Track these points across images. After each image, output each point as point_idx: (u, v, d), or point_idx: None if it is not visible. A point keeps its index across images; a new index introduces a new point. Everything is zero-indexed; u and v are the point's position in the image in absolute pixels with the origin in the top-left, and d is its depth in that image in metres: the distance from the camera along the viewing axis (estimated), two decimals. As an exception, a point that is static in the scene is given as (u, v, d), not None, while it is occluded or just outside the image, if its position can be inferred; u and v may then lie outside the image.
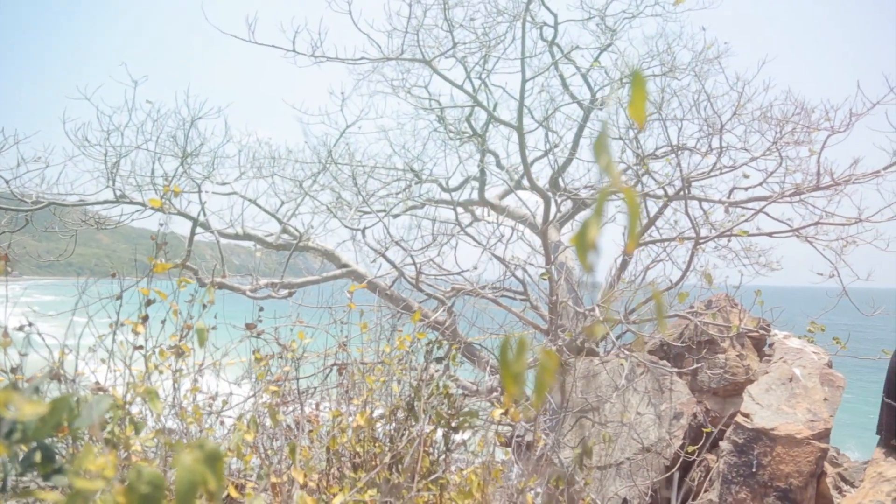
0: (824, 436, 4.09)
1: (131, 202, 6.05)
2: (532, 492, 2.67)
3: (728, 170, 6.45)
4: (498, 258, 5.53)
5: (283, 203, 7.10)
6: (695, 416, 5.04)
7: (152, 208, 5.95)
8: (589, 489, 4.62)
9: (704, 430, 4.79)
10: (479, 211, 8.06)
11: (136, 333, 2.35)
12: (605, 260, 6.69)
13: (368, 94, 7.90)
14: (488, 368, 5.18)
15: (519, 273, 6.19)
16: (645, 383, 5.19)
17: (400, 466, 2.19)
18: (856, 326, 6.89)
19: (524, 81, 5.92)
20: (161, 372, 2.36)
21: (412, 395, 2.32)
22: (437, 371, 2.49)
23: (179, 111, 6.45)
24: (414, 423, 2.26)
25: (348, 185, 7.06)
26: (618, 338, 6.05)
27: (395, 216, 8.11)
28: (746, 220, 5.69)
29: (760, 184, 6.73)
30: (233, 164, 7.13)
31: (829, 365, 4.63)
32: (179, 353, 2.39)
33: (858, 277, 6.71)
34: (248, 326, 2.86)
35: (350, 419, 2.43)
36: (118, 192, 6.15)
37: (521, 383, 0.79)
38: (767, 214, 6.55)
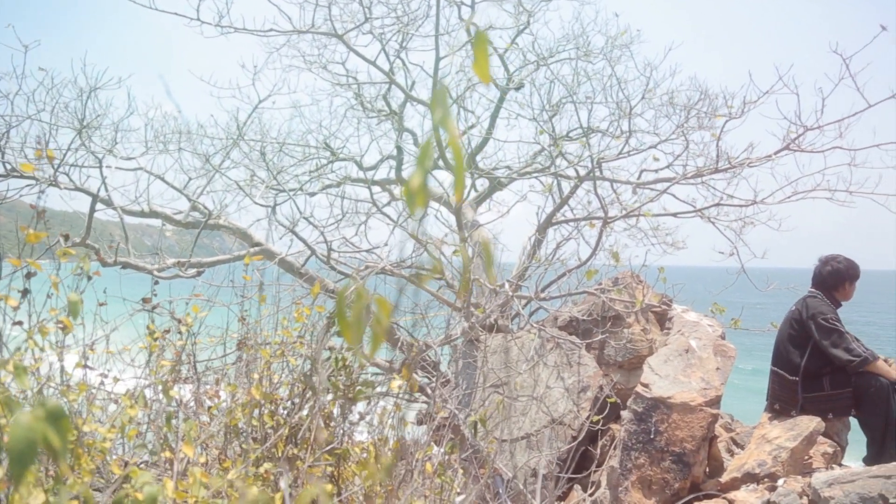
0: (715, 402, 4.34)
1: (22, 176, 5.68)
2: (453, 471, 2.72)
3: (636, 152, 6.69)
4: (412, 236, 5.54)
5: (190, 179, 6.85)
6: (601, 388, 5.24)
7: (30, 177, 5.58)
8: (498, 460, 4.73)
9: (609, 400, 5.00)
10: (396, 190, 8.04)
11: (14, 308, 2.23)
12: (519, 238, 6.82)
13: (282, 68, 7.74)
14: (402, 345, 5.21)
15: (436, 252, 6.24)
16: (555, 358, 5.35)
17: (296, 439, 2.18)
18: (751, 302, 7.33)
19: (438, 59, 5.93)
20: (42, 349, 2.25)
21: (310, 367, 2.30)
22: (335, 344, 2.48)
23: (77, 80, 6.07)
24: (312, 396, 2.25)
25: (261, 162, 6.88)
26: (530, 315, 6.21)
27: (311, 194, 7.98)
28: (652, 201, 5.93)
29: (667, 166, 7.02)
30: (138, 139, 6.82)
31: (723, 337, 4.91)
32: (63, 328, 2.28)
33: (755, 256, 7.14)
34: (144, 301, 2.76)
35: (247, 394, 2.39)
36: (8, 167, 5.77)
37: (359, 332, 0.80)
38: (674, 196, 6.85)
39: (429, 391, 5.01)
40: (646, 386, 4.42)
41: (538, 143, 7.25)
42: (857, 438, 4.93)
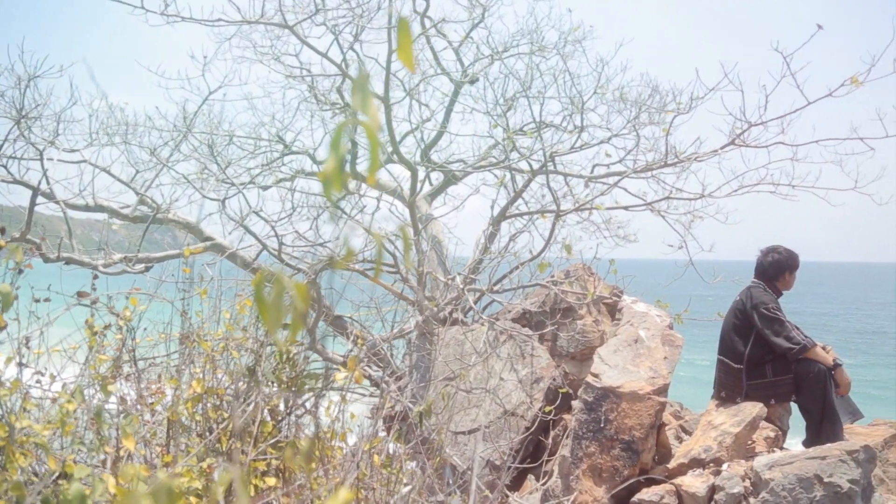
0: (663, 391, 4.44)
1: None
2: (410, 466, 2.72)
3: (589, 147, 6.78)
4: (366, 230, 5.52)
5: (137, 172, 6.67)
6: (553, 379, 5.31)
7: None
8: (452, 452, 4.76)
9: (561, 391, 5.07)
10: (351, 184, 7.98)
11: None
12: (474, 232, 6.85)
13: (233, 59, 7.59)
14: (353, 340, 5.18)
15: (390, 247, 6.22)
16: (508, 350, 5.40)
17: (239, 433, 2.15)
18: (700, 294, 7.51)
19: (391, 52, 5.90)
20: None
21: (254, 360, 2.28)
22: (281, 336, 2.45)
23: (14, 67, 5.83)
24: (255, 389, 2.22)
25: (211, 155, 6.74)
26: (483, 309, 6.25)
27: (265, 188, 7.87)
28: (603, 194, 6.03)
29: (619, 161, 7.14)
30: (82, 130, 6.59)
31: (671, 327, 5.03)
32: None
33: (703, 249, 7.32)
34: (80, 295, 2.68)
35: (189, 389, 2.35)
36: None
37: (278, 318, 0.79)
38: (625, 189, 6.98)
39: (383, 385, 5.00)
40: (596, 376, 4.50)
41: (492, 137, 7.29)
42: (798, 423, 5.12)
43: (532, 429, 4.89)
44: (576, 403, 4.57)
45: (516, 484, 5.19)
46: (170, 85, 6.77)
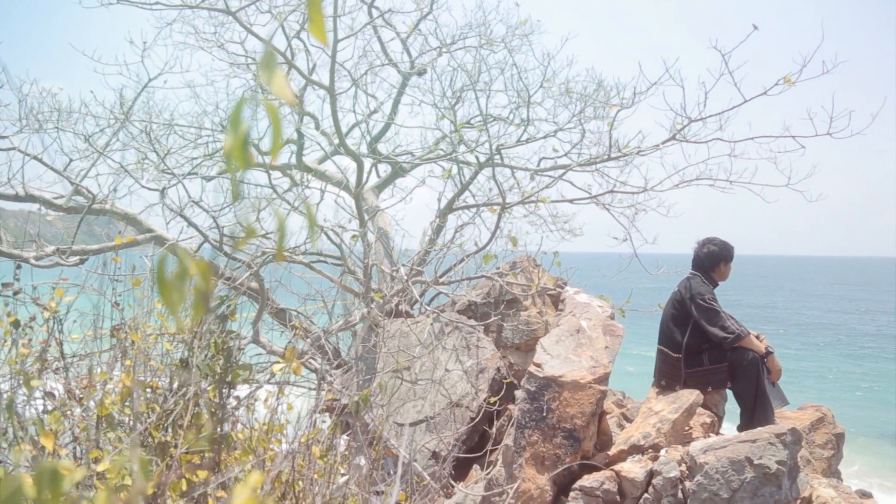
0: (604, 379, 4.54)
1: None
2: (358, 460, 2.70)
3: (534, 140, 6.86)
4: (311, 221, 5.45)
5: (71, 161, 6.42)
6: (498, 369, 5.37)
7: None
8: (397, 443, 4.76)
9: (506, 381, 5.13)
10: (298, 175, 7.87)
11: None
12: (421, 224, 6.84)
13: (174, 45, 7.37)
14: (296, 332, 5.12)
15: (338, 239, 6.16)
16: (453, 341, 5.43)
17: (172, 426, 2.10)
18: (644, 286, 7.71)
19: (335, 41, 5.83)
20: None
21: (187, 352, 2.22)
22: (217, 327, 2.40)
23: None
24: (189, 381, 2.17)
25: (150, 143, 6.54)
26: (430, 301, 6.26)
27: (208, 179, 7.68)
28: (548, 187, 6.10)
29: (565, 154, 7.24)
30: (10, 116, 6.29)
31: (612, 317, 5.14)
32: None
33: (647, 242, 7.49)
34: (4, 286, 2.57)
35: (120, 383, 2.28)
36: None
37: (180, 298, 0.77)
38: (571, 183, 7.08)
39: (328, 377, 4.96)
40: (538, 366, 4.56)
41: (439, 129, 7.29)
42: (733, 409, 5.30)
43: (477, 419, 4.93)
44: (519, 393, 4.63)
45: (462, 474, 5.23)
46: (107, 71, 6.53)
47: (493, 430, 5.04)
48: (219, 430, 2.17)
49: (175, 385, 2.20)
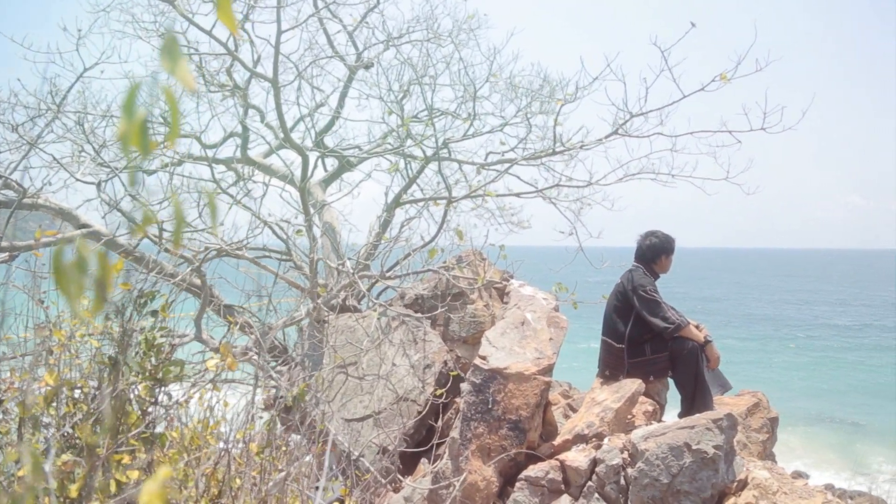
0: (548, 371, 4.60)
1: None
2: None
3: (481, 134, 6.89)
4: (254, 214, 5.36)
5: (-1, 153, 6.14)
6: (445, 363, 5.38)
7: None
8: (343, 440, 4.73)
9: (452, 374, 5.15)
10: (243, 170, 7.71)
11: None
12: (369, 218, 6.81)
13: (111, 33, 7.12)
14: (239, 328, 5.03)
15: (284, 234, 6.07)
16: (400, 336, 5.42)
17: (100, 426, 2.03)
18: (590, 280, 7.84)
19: (279, 32, 5.73)
20: None
21: (116, 349, 2.15)
22: (148, 323, 2.34)
23: None
24: (118, 379, 2.11)
25: (85, 135, 6.30)
26: (378, 295, 6.23)
27: (150, 172, 7.46)
28: (494, 181, 6.14)
29: (512, 149, 7.30)
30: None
31: (556, 309, 5.21)
32: None
33: (592, 235, 7.62)
34: (-82, 286, 2.44)
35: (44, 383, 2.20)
36: None
37: (79, 289, 0.75)
38: (517, 177, 7.14)
39: (273, 373, 4.89)
40: (483, 358, 4.59)
41: (387, 123, 7.26)
42: (675, 397, 5.45)
43: (424, 413, 4.94)
44: (464, 386, 4.65)
45: (410, 468, 5.23)
46: (37, 59, 6.26)
47: (440, 423, 5.05)
48: (150, 428, 2.11)
49: (103, 384, 2.13)
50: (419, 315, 5.36)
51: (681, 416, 5.03)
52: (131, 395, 2.17)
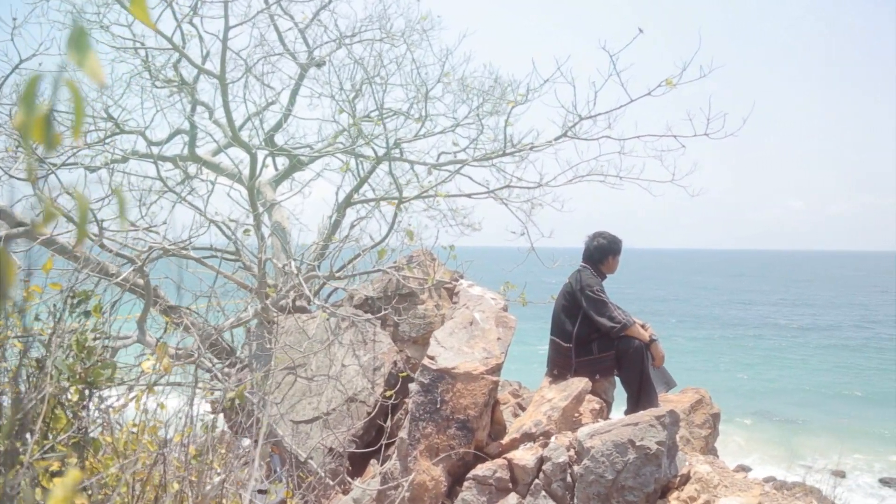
0: (496, 370, 4.63)
1: None
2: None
3: (433, 135, 6.89)
4: (200, 213, 5.25)
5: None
6: (395, 363, 5.37)
7: None
8: (292, 441, 4.67)
9: (401, 374, 5.14)
10: (191, 168, 7.54)
11: None
12: (319, 218, 6.74)
13: (49, 24, 6.84)
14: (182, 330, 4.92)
15: (235, 234, 5.95)
16: (350, 336, 5.38)
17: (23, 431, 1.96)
18: (541, 280, 7.93)
19: (227, 28, 5.62)
20: None
21: (44, 351, 2.08)
22: (80, 325, 2.26)
23: None
24: (44, 381, 2.03)
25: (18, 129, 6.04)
26: (328, 296, 6.18)
27: (92, 169, 7.23)
28: (445, 182, 6.16)
29: (464, 150, 7.33)
30: None
31: (505, 309, 5.26)
32: None
33: (543, 236, 7.72)
34: None
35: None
36: None
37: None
38: (469, 178, 7.18)
39: (219, 375, 4.79)
40: (432, 358, 4.60)
41: (338, 122, 7.20)
42: (622, 395, 5.56)
43: (373, 413, 4.92)
44: (412, 386, 4.65)
45: (360, 470, 5.20)
46: (-31, 50, 5.99)
47: (390, 424, 5.04)
48: (80, 433, 2.05)
49: (30, 388, 2.05)
50: (369, 316, 5.33)
51: (627, 413, 5.13)
52: (63, 400, 2.10)
